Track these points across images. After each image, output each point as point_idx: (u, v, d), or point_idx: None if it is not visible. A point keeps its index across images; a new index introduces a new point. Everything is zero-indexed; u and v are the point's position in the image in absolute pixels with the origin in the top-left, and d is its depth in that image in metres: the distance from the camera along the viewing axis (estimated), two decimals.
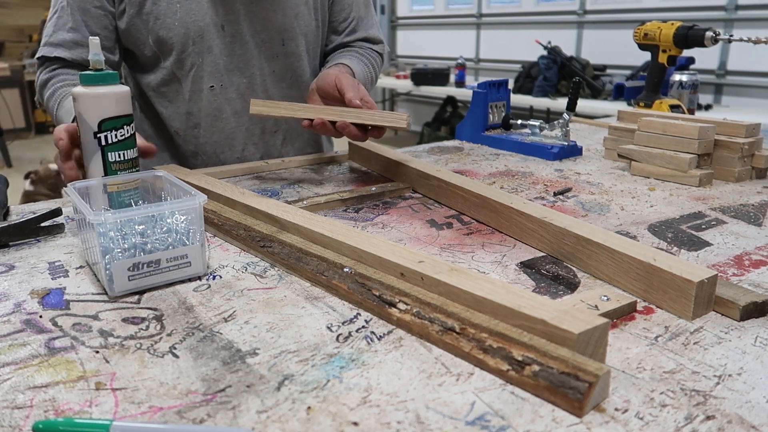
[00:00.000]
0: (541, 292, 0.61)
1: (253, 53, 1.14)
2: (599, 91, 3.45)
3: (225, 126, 1.17)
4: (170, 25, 1.07)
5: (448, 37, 5.58)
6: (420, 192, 0.96)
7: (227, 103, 1.15)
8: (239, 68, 1.14)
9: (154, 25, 1.07)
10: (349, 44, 1.29)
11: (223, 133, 1.18)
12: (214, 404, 0.43)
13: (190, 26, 1.08)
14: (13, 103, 5.97)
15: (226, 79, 1.14)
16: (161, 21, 1.07)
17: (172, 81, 1.14)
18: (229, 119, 1.17)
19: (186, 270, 0.63)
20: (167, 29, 1.07)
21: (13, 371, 0.47)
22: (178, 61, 1.11)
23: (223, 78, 1.14)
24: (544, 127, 1.26)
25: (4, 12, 6.28)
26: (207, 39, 1.10)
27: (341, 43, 1.28)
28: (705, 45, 1.38)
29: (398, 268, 0.59)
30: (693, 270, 0.56)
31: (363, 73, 1.20)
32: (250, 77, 1.15)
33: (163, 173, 0.73)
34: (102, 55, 0.77)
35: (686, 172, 1.00)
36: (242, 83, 1.15)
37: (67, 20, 1.07)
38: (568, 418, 0.41)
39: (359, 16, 1.28)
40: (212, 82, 1.13)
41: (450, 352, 0.49)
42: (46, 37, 1.09)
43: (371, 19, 1.32)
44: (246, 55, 1.13)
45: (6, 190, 0.88)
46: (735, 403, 0.43)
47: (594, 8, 4.27)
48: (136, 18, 1.07)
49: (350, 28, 1.28)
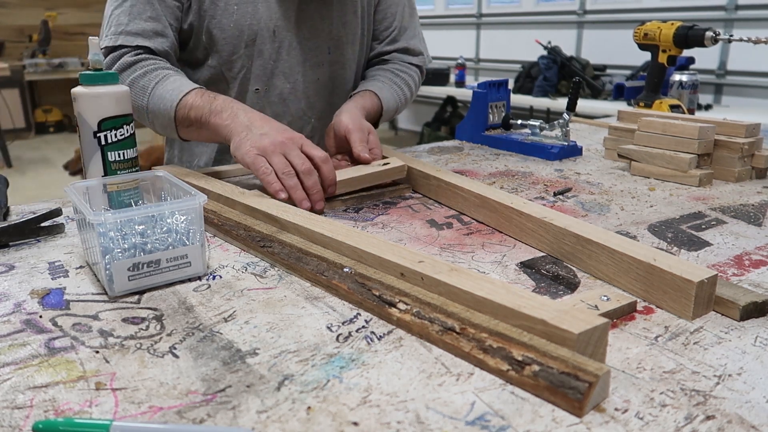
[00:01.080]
0: (541, 292, 0.61)
1: (299, 59, 1.14)
2: (599, 91, 3.45)
3: None
4: (225, 26, 1.07)
5: (448, 37, 5.58)
6: (420, 192, 0.96)
7: (268, 106, 1.15)
8: (284, 73, 1.14)
9: (209, 24, 1.07)
10: (388, 54, 1.27)
11: None
12: (214, 404, 0.43)
13: (245, 29, 1.07)
14: (13, 103, 5.97)
15: (271, 83, 1.14)
16: (216, 20, 1.07)
17: (219, 81, 1.13)
18: None
19: (186, 270, 0.63)
20: (221, 29, 1.07)
21: (13, 371, 0.47)
22: (228, 62, 1.10)
23: (268, 82, 1.13)
24: (544, 127, 1.26)
25: (4, 12, 6.28)
26: (259, 43, 1.09)
27: (380, 52, 1.27)
28: (705, 45, 1.38)
29: (398, 268, 0.59)
30: (693, 270, 0.56)
31: (392, 98, 1.19)
32: (293, 83, 1.15)
33: (163, 173, 0.73)
34: (101, 54, 0.77)
35: (686, 172, 1.00)
36: (285, 88, 1.15)
37: (144, 9, 1.02)
38: (568, 418, 0.41)
39: (402, 26, 1.27)
40: (258, 85, 1.13)
41: (450, 352, 0.49)
42: (121, 26, 1.02)
43: (414, 30, 1.30)
44: (291, 61, 1.13)
45: (6, 190, 0.88)
46: (735, 403, 0.43)
47: (594, 8, 4.27)
48: (195, 15, 1.06)
49: (391, 37, 1.26)
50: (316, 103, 1.19)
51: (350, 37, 1.18)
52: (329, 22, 1.14)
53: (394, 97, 1.21)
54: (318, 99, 1.19)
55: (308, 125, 1.21)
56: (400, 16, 1.26)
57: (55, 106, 6.51)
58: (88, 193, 0.71)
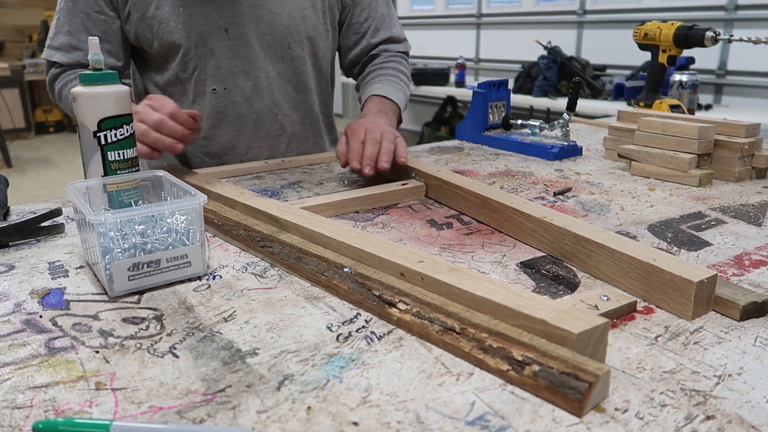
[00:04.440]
0: (541, 292, 0.61)
1: (258, 56, 1.14)
2: (599, 91, 3.45)
3: (229, 129, 1.17)
4: (173, 29, 1.08)
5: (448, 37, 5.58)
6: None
7: (231, 106, 1.15)
8: (244, 71, 1.14)
9: (158, 29, 1.08)
10: (375, 47, 1.28)
11: (227, 135, 1.18)
12: (214, 404, 0.43)
13: (192, 30, 1.08)
14: (13, 103, 5.97)
15: (230, 82, 1.14)
16: (164, 25, 1.08)
17: (176, 83, 1.14)
18: (233, 122, 1.17)
19: (186, 270, 0.63)
20: (170, 33, 1.08)
21: (13, 371, 0.47)
22: (182, 64, 1.11)
23: (226, 81, 1.13)
24: (544, 127, 1.26)
25: (4, 12, 6.28)
26: (209, 42, 1.10)
27: (367, 46, 1.27)
28: (705, 45, 1.38)
29: (398, 268, 0.59)
30: (693, 270, 0.56)
31: (400, 94, 1.21)
32: (255, 80, 1.15)
33: (163, 173, 0.73)
34: (101, 55, 0.77)
35: (686, 172, 1.00)
36: (247, 86, 1.15)
37: (64, 24, 1.09)
38: (568, 418, 0.41)
39: (380, 15, 1.27)
40: (215, 85, 1.13)
41: (450, 352, 0.49)
42: (49, 40, 1.11)
43: (393, 18, 1.31)
44: (251, 58, 1.13)
45: (6, 190, 0.88)
46: (735, 403, 0.43)
47: (594, 8, 4.27)
48: (140, 22, 1.08)
49: (373, 27, 1.27)
50: (281, 99, 1.19)
51: (310, 31, 1.18)
52: (287, 16, 1.14)
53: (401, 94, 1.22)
54: (282, 95, 1.19)
55: (275, 123, 1.20)
56: (375, 5, 1.26)
57: (55, 106, 6.51)
58: (88, 193, 0.71)
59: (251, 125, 1.18)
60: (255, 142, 1.20)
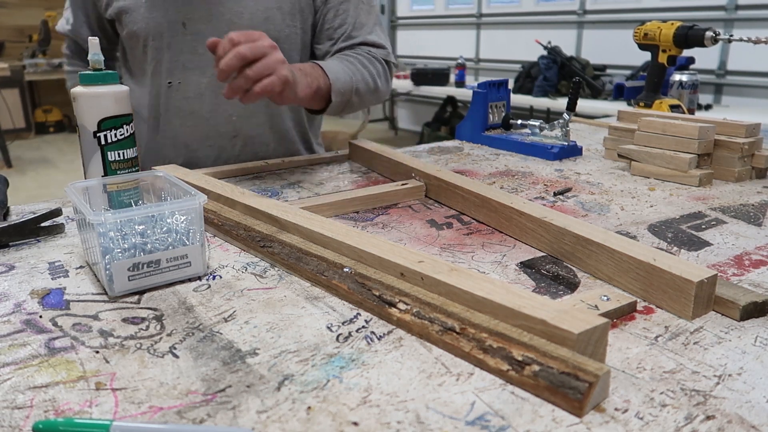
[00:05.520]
0: (541, 292, 0.61)
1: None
2: (599, 91, 3.45)
3: (181, 124, 1.16)
4: (136, 19, 1.11)
5: (448, 37, 5.58)
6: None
7: (185, 101, 1.14)
8: (200, 68, 1.13)
9: (125, 18, 1.11)
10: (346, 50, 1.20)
11: (176, 130, 1.17)
12: (214, 404, 0.43)
13: (151, 21, 1.10)
14: (13, 103, 5.97)
15: (185, 77, 1.13)
16: (128, 15, 1.11)
17: (141, 72, 1.17)
18: (186, 118, 1.15)
19: (186, 270, 0.63)
20: (134, 23, 1.11)
21: (13, 371, 0.47)
22: (143, 54, 1.14)
23: (181, 76, 1.13)
24: (544, 127, 1.26)
25: (4, 12, 6.28)
26: (167, 36, 1.11)
27: (338, 50, 1.20)
28: (705, 45, 1.38)
29: (398, 268, 0.59)
30: (693, 270, 0.56)
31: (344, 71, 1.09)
32: (210, 77, 1.13)
33: (163, 173, 0.73)
34: (101, 54, 0.77)
35: (686, 172, 1.00)
36: (201, 83, 1.13)
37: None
38: (568, 418, 0.41)
39: (357, 23, 1.20)
40: (170, 79, 1.14)
41: (450, 352, 0.49)
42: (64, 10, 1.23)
43: (372, 27, 1.22)
44: (208, 55, 1.09)
45: (6, 190, 0.88)
46: (735, 403, 0.43)
47: (594, 8, 4.27)
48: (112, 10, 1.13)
49: (346, 34, 1.19)
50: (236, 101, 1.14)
51: (273, 33, 1.09)
52: (248, 17, 1.11)
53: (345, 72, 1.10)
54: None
55: (229, 124, 1.17)
56: (354, 12, 1.19)
57: (55, 106, 6.52)
58: (88, 193, 0.71)
59: (203, 123, 1.16)
60: (206, 140, 1.17)
